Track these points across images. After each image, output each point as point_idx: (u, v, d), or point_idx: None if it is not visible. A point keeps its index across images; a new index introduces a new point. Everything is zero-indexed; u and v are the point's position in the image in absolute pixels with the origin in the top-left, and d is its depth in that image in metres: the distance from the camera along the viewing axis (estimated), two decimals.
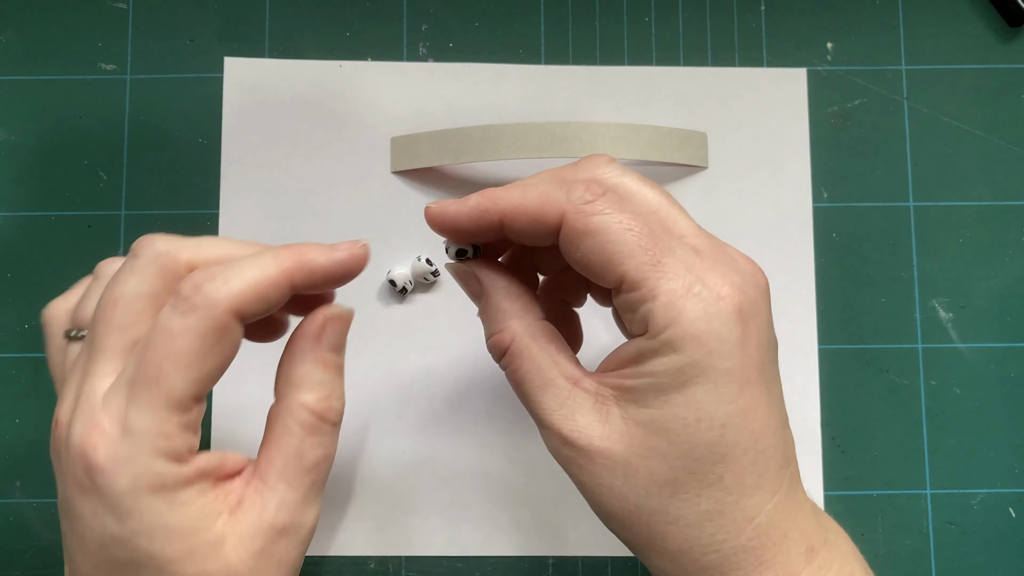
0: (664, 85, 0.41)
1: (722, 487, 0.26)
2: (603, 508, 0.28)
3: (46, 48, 0.41)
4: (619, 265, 0.26)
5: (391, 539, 0.38)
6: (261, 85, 0.40)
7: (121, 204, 0.40)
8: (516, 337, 0.28)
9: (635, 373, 0.27)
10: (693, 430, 0.26)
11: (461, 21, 0.41)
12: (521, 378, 0.28)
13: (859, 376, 0.39)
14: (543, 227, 0.27)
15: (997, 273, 0.40)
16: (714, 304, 0.26)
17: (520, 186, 0.28)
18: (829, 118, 0.41)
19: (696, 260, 0.26)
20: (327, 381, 0.29)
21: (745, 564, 0.26)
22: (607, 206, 0.26)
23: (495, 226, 0.28)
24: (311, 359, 0.29)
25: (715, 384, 0.26)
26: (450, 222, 0.28)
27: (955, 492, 0.39)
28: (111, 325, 0.26)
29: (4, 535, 0.38)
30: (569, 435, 0.27)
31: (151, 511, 0.25)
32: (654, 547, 0.27)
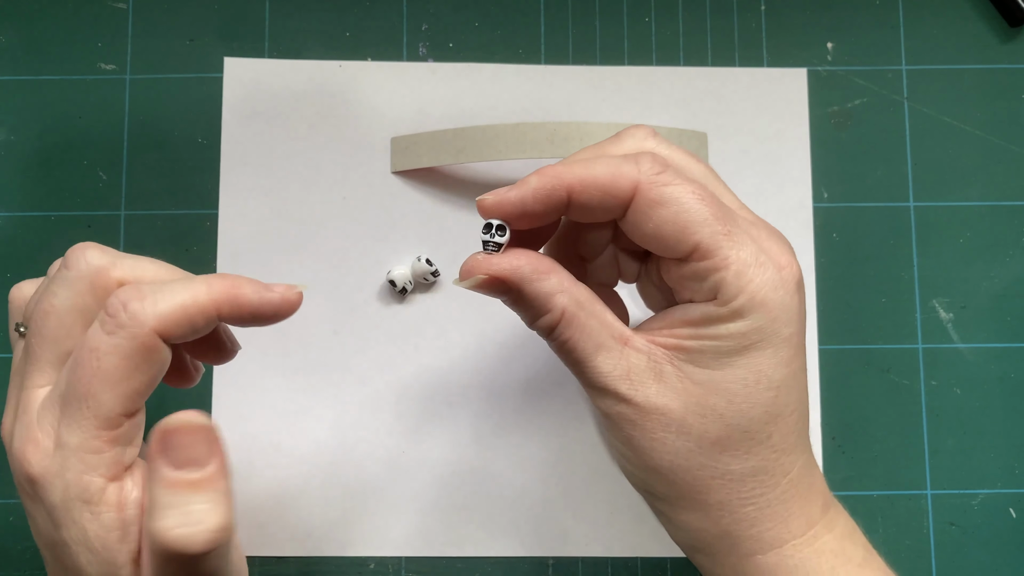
0: (664, 85, 0.41)
1: (770, 444, 0.28)
2: (650, 463, 0.28)
3: (46, 48, 0.41)
4: (693, 234, 0.27)
5: (391, 539, 0.38)
6: (261, 85, 0.40)
7: (121, 204, 0.40)
8: (566, 310, 0.28)
9: (696, 335, 0.27)
10: (752, 391, 0.27)
11: (461, 21, 0.41)
12: (573, 346, 0.28)
13: (859, 376, 0.39)
14: (614, 199, 0.27)
15: (997, 273, 0.40)
16: (777, 273, 0.27)
17: (578, 162, 0.28)
18: (829, 118, 0.41)
19: (753, 231, 0.28)
20: (179, 504, 0.25)
21: (776, 515, 0.28)
22: (676, 177, 0.27)
23: (561, 203, 0.28)
24: (155, 480, 0.26)
25: (775, 348, 0.27)
26: (515, 207, 0.28)
27: (955, 492, 0.39)
28: (44, 337, 0.27)
29: (4, 535, 0.38)
30: (626, 393, 0.28)
31: (80, 523, 0.26)
32: (693, 500, 0.28)
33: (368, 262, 0.39)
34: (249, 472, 0.38)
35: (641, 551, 0.38)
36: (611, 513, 0.38)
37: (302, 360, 0.39)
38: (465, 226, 0.40)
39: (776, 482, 0.28)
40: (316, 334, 0.39)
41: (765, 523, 0.29)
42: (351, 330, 0.39)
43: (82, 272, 0.27)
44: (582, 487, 0.38)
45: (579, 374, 0.29)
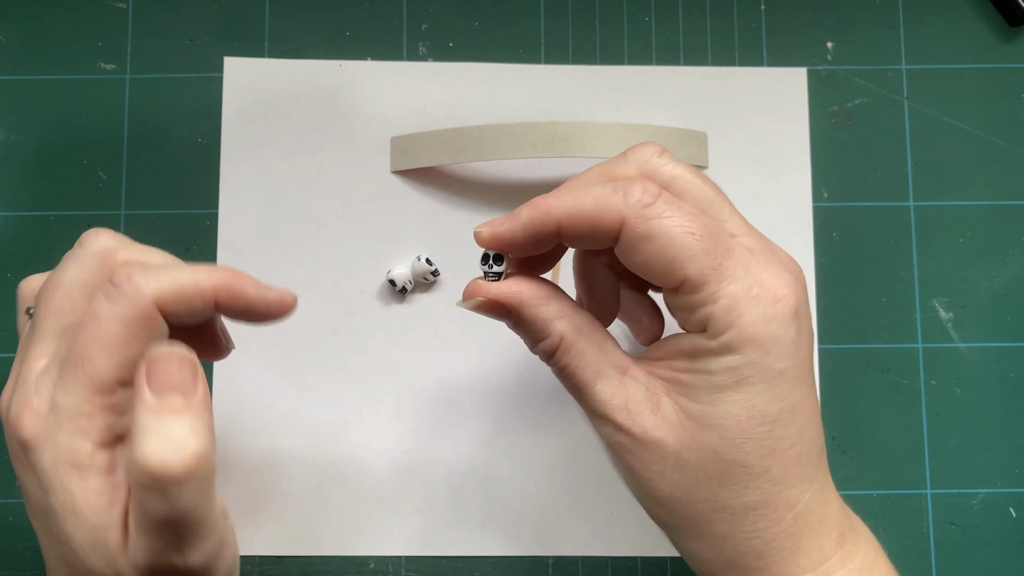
0: (664, 85, 0.41)
1: (768, 478, 0.27)
2: (651, 493, 0.29)
3: (46, 48, 0.41)
4: (681, 269, 0.26)
5: (391, 539, 0.38)
6: (261, 85, 0.40)
7: (121, 204, 0.40)
8: (564, 336, 0.29)
9: (690, 368, 0.27)
10: (745, 426, 0.27)
11: (461, 21, 0.41)
12: (572, 372, 0.29)
13: (859, 376, 0.39)
14: (602, 233, 0.27)
15: (997, 273, 0.40)
16: (771, 307, 0.27)
17: (572, 190, 0.28)
18: (829, 118, 0.41)
19: (752, 260, 0.27)
20: (161, 429, 0.25)
21: (783, 549, 0.28)
22: (666, 208, 0.27)
23: (552, 235, 0.28)
24: (139, 406, 0.26)
25: (769, 383, 0.27)
26: (506, 240, 0.28)
27: (955, 492, 0.39)
28: (49, 308, 0.28)
29: (4, 535, 0.38)
30: (623, 423, 0.28)
31: (69, 488, 0.26)
32: (698, 531, 0.28)
33: (368, 262, 0.39)
34: (249, 471, 0.38)
35: (641, 551, 0.38)
36: (611, 513, 0.38)
37: (302, 360, 0.39)
38: (465, 226, 0.40)
39: (780, 516, 0.28)
40: (316, 334, 0.39)
41: (772, 556, 0.28)
42: (351, 330, 0.39)
43: (93, 250, 0.28)
44: (582, 487, 0.38)
45: (579, 400, 0.29)
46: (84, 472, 0.26)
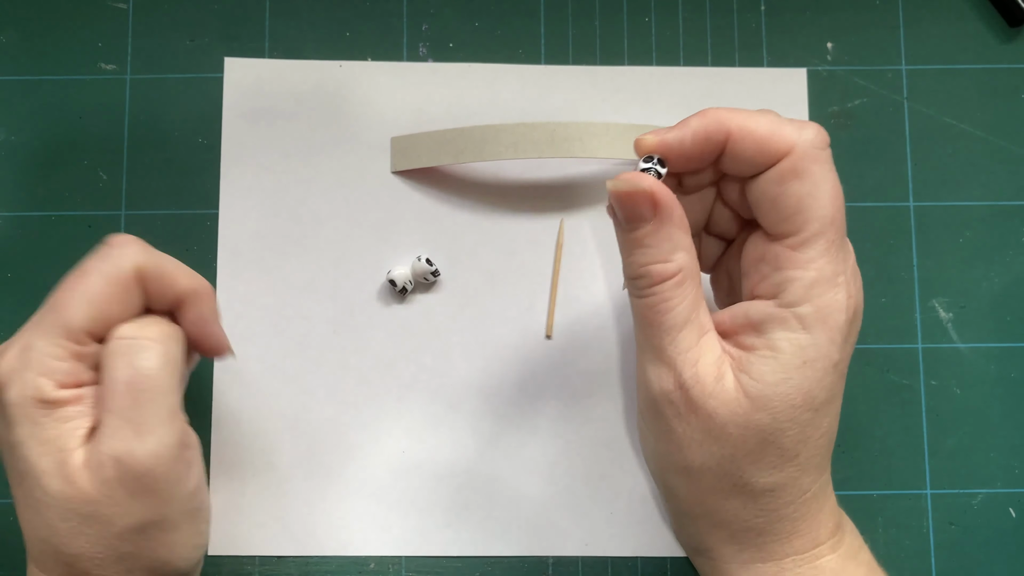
0: (664, 85, 0.41)
1: (796, 463, 0.28)
2: (681, 460, 0.29)
3: (46, 48, 0.41)
4: (807, 220, 0.27)
5: (391, 539, 0.38)
6: (261, 85, 0.40)
7: (121, 204, 0.40)
8: (683, 269, 0.28)
9: (758, 344, 0.28)
10: (797, 412, 0.27)
11: (461, 21, 0.41)
12: (667, 309, 0.28)
13: (859, 376, 0.39)
14: (766, 155, 0.27)
15: (997, 273, 0.40)
16: (845, 299, 0.27)
17: (742, 110, 0.28)
18: (829, 118, 0.41)
19: (850, 258, 0.28)
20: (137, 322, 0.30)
21: (783, 531, 0.29)
22: (830, 161, 0.27)
23: (718, 148, 0.28)
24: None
25: (826, 372, 0.28)
26: (673, 146, 0.28)
27: (955, 492, 0.39)
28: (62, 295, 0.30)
29: (4, 535, 0.38)
30: (687, 380, 0.28)
31: (31, 420, 0.28)
32: (710, 505, 0.29)
33: (368, 262, 0.40)
34: (249, 472, 0.38)
35: (641, 551, 0.38)
36: (611, 513, 0.38)
37: (302, 360, 0.39)
38: (465, 226, 0.40)
39: (791, 499, 0.29)
40: (316, 334, 0.39)
41: (771, 535, 0.29)
42: (351, 330, 0.39)
43: (117, 259, 0.30)
44: (582, 487, 0.38)
45: (652, 341, 0.28)
46: (48, 406, 0.28)
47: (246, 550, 0.38)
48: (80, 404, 0.29)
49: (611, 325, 0.39)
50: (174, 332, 0.30)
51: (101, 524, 0.28)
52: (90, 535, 0.28)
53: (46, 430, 0.28)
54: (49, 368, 0.28)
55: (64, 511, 0.28)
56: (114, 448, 0.28)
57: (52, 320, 0.29)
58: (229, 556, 0.38)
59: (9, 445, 0.29)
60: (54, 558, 0.29)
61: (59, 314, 0.29)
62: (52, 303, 0.29)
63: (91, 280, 0.29)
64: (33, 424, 0.28)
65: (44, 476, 0.28)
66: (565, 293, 0.40)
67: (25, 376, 0.28)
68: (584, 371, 0.39)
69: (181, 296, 0.31)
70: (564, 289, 0.40)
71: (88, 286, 0.29)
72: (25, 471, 0.28)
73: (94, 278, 0.29)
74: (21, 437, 0.28)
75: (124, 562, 0.29)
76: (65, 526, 0.28)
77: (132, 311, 0.30)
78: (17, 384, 0.28)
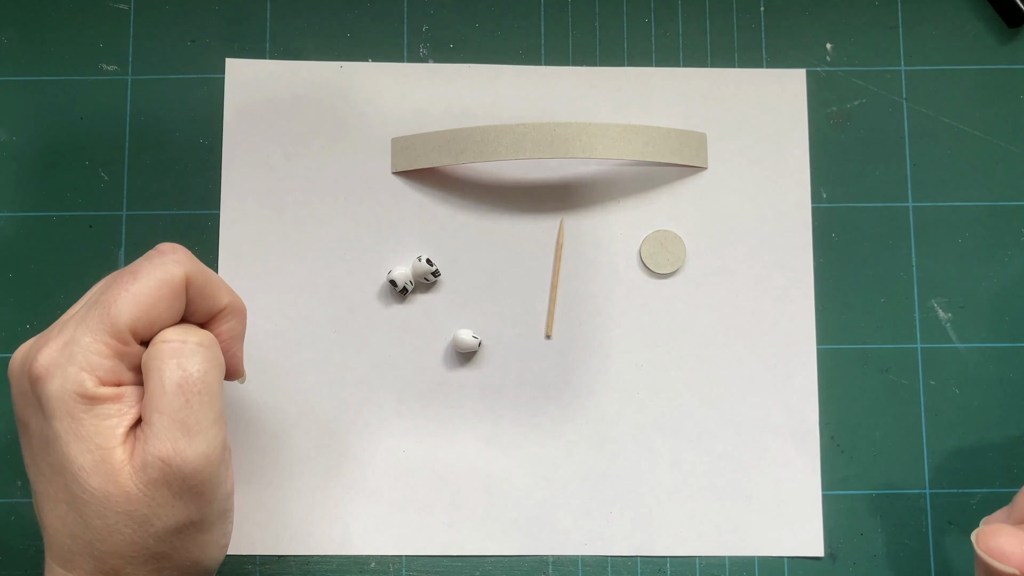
0: (664, 85, 0.41)
1: None
2: None
3: (47, 49, 0.41)
4: None
5: (391, 539, 0.38)
6: (262, 86, 0.40)
7: (122, 204, 0.40)
8: None
9: None
10: None
11: (461, 22, 0.41)
12: None
13: (858, 376, 0.39)
14: None
15: (996, 273, 0.40)
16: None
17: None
18: (828, 118, 0.41)
19: None
20: (180, 327, 0.31)
21: None
22: None
23: None
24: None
25: None
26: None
27: (954, 492, 0.39)
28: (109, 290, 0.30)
29: (4, 535, 0.38)
30: None
31: (71, 415, 0.28)
32: None
33: (368, 262, 0.40)
34: (250, 471, 0.38)
35: (640, 550, 0.38)
36: (611, 513, 0.38)
37: (302, 360, 0.39)
38: (465, 226, 0.40)
39: None
40: (316, 334, 0.39)
41: None
42: (351, 330, 0.39)
43: (168, 263, 0.30)
44: (582, 487, 0.38)
45: None
46: (89, 401, 0.28)
47: (247, 549, 0.38)
48: (120, 403, 0.29)
49: (611, 325, 0.39)
50: (215, 340, 0.31)
51: (139, 523, 0.28)
52: (126, 534, 0.28)
53: (85, 425, 0.28)
54: (92, 364, 0.28)
55: (102, 508, 0.28)
56: (162, 449, 0.28)
57: (99, 317, 0.29)
58: (230, 555, 0.38)
59: (45, 439, 0.29)
60: (84, 554, 0.29)
61: (107, 311, 0.29)
62: (101, 301, 0.29)
63: (142, 283, 0.29)
64: (72, 419, 0.28)
65: (83, 472, 0.28)
66: (565, 293, 0.40)
67: (68, 370, 0.28)
68: (584, 371, 0.39)
69: (220, 311, 0.32)
70: (564, 289, 0.40)
71: (139, 288, 0.29)
72: (62, 466, 0.28)
73: (145, 281, 0.29)
74: (59, 431, 0.28)
75: (157, 561, 0.29)
76: (101, 523, 0.28)
77: (174, 318, 0.30)
78: (58, 377, 0.28)
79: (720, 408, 0.39)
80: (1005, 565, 0.28)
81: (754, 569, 0.38)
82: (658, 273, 0.40)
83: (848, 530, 0.38)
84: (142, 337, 0.30)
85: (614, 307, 0.40)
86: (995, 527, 0.29)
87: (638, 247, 0.40)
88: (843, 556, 0.38)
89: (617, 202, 0.40)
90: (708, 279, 0.40)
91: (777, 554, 0.38)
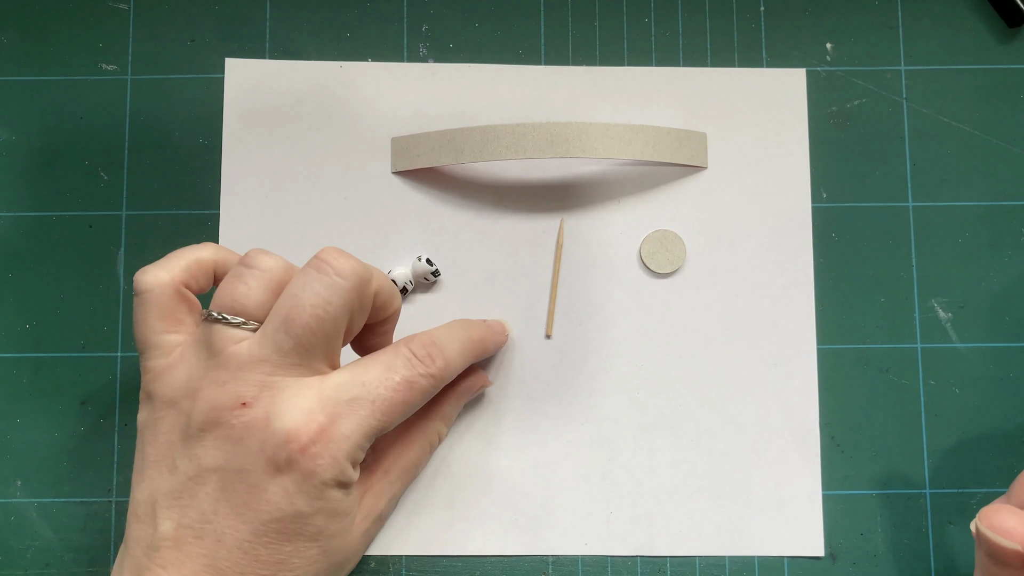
0: (664, 85, 0.41)
1: None
2: None
3: (47, 48, 0.41)
4: None
5: (391, 539, 0.38)
6: (262, 86, 0.40)
7: (122, 204, 0.40)
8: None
9: None
10: None
11: (461, 21, 0.41)
12: None
13: (858, 376, 0.39)
14: None
15: (996, 273, 0.40)
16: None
17: None
18: (829, 118, 0.41)
19: None
20: (453, 420, 0.38)
21: None
22: None
23: None
24: (458, 403, 0.38)
25: None
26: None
27: (954, 492, 0.39)
28: (318, 336, 0.30)
29: (4, 535, 0.38)
30: None
31: (335, 499, 0.31)
32: None
33: (368, 262, 0.40)
34: None
35: (640, 550, 0.38)
36: (611, 513, 0.38)
37: None
38: (465, 226, 0.40)
39: None
40: None
41: None
42: None
43: (354, 284, 0.30)
44: (582, 487, 0.38)
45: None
46: (348, 487, 0.31)
47: None
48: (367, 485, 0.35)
49: (611, 325, 0.39)
50: None
51: None
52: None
53: (343, 505, 0.32)
54: (355, 458, 0.31)
55: None
56: (387, 509, 0.37)
57: (363, 415, 0.30)
58: None
59: (294, 514, 0.30)
60: None
61: (370, 411, 0.31)
62: (363, 396, 0.31)
63: (399, 390, 0.32)
64: (336, 501, 0.31)
65: (330, 537, 0.32)
66: (565, 293, 0.40)
67: (339, 462, 0.30)
68: (584, 371, 0.39)
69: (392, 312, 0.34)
70: (564, 289, 0.40)
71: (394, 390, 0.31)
72: (307, 533, 0.31)
73: (405, 389, 0.32)
74: (320, 509, 0.31)
75: None
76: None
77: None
78: (333, 469, 0.30)
79: (720, 408, 0.39)
80: (1008, 540, 0.29)
81: (754, 569, 0.38)
82: (658, 273, 0.40)
83: (848, 530, 0.39)
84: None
85: (614, 307, 0.40)
86: (997, 506, 0.30)
87: (638, 247, 0.40)
88: (843, 556, 0.38)
89: (617, 202, 0.40)
90: (708, 279, 0.40)
91: (777, 554, 0.38)
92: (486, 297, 0.39)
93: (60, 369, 0.39)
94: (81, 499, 0.38)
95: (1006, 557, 0.29)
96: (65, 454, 0.39)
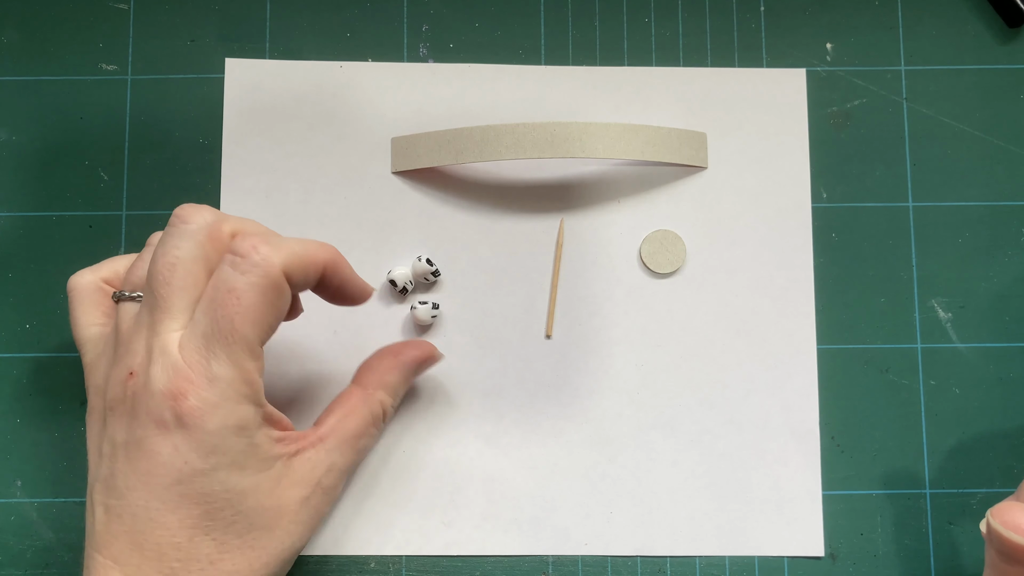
0: (664, 85, 0.41)
1: None
2: None
3: (47, 48, 0.41)
4: None
5: (391, 539, 0.38)
6: (262, 86, 0.40)
7: (122, 204, 0.40)
8: None
9: None
10: None
11: (461, 21, 0.41)
12: None
13: (858, 376, 0.39)
14: None
15: (996, 273, 0.40)
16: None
17: None
18: (829, 118, 0.41)
19: None
20: (400, 394, 0.36)
21: None
22: None
23: None
24: (402, 374, 0.36)
25: None
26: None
27: (954, 492, 0.39)
28: (173, 287, 0.30)
29: (4, 535, 0.38)
30: None
31: (233, 448, 0.29)
32: None
33: (368, 262, 0.40)
34: None
35: (640, 550, 0.38)
36: (611, 513, 0.38)
37: (302, 360, 0.39)
38: (465, 226, 0.40)
39: None
40: (316, 334, 0.39)
41: None
42: (351, 330, 0.39)
43: (200, 225, 0.30)
44: (582, 487, 0.38)
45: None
46: (251, 431, 0.30)
47: None
48: (271, 426, 0.32)
49: (611, 325, 0.39)
50: None
51: None
52: None
53: (248, 455, 0.31)
54: (244, 394, 0.30)
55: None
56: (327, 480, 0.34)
57: (230, 349, 0.29)
58: None
59: (191, 472, 0.29)
60: None
61: (235, 340, 0.29)
62: (220, 330, 0.29)
63: (249, 298, 0.30)
64: (235, 451, 0.30)
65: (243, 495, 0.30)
66: (565, 293, 0.40)
67: (224, 406, 0.30)
68: (584, 371, 0.39)
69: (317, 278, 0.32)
70: (564, 289, 0.40)
71: (249, 305, 0.30)
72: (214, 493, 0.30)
73: (251, 295, 0.29)
74: (219, 463, 0.30)
75: None
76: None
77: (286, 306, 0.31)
78: (217, 415, 0.29)
79: (720, 408, 0.39)
80: (1021, 537, 0.29)
81: (754, 569, 0.38)
82: (658, 273, 0.40)
83: (848, 530, 0.39)
84: (264, 344, 0.31)
85: (614, 307, 0.40)
86: (1008, 504, 0.30)
87: (638, 247, 0.40)
88: (843, 556, 0.38)
89: (617, 202, 0.40)
90: (708, 279, 0.40)
91: (777, 554, 0.38)
92: (486, 297, 0.40)
93: (60, 369, 0.39)
94: (81, 499, 0.38)
95: (1019, 554, 0.29)
96: (65, 454, 0.39)
